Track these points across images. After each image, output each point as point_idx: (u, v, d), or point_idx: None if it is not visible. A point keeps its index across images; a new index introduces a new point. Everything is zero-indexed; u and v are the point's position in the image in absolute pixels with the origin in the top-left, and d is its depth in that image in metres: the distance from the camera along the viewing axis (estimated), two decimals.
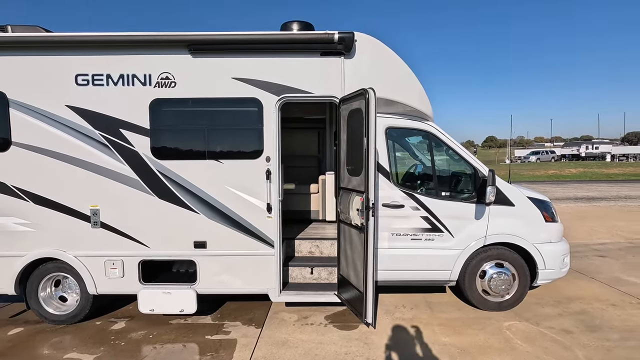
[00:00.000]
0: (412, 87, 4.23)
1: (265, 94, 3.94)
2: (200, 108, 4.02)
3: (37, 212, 3.99)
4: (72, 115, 3.93)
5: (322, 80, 3.97)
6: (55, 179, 3.97)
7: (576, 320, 4.14)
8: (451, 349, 3.58)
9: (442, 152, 4.52)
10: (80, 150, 3.95)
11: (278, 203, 4.05)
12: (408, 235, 4.25)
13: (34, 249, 4.04)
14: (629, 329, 3.92)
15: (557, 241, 4.43)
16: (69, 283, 4.26)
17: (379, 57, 4.05)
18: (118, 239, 4.04)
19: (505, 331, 3.92)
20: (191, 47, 3.87)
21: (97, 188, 3.99)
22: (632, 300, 4.67)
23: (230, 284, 4.14)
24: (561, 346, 3.62)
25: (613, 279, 5.43)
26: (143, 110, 3.94)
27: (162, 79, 3.93)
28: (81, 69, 3.91)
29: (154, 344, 3.79)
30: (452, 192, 4.49)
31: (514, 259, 4.32)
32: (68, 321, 4.22)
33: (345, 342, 3.74)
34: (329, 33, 3.82)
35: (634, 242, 7.66)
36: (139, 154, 3.97)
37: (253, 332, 4.00)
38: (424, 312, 4.43)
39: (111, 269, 4.07)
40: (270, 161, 3.99)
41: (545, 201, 4.50)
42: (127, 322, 4.28)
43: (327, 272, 4.44)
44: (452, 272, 4.29)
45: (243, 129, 4.08)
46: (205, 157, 4.01)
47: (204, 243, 4.07)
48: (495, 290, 4.34)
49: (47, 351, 3.68)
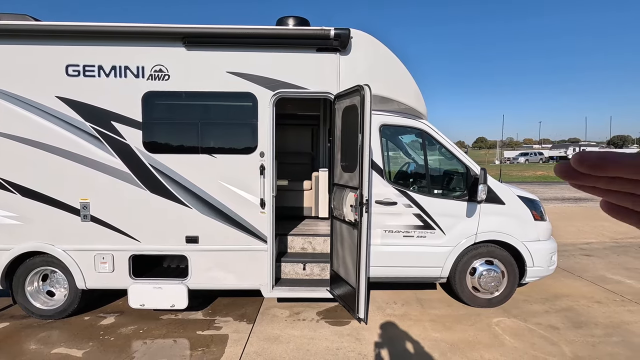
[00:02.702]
0: (407, 85, 4.25)
1: (260, 88, 3.92)
2: (194, 102, 3.98)
3: (25, 205, 3.91)
4: (62, 106, 3.85)
5: (318, 76, 3.97)
6: (44, 171, 3.90)
7: (563, 317, 4.23)
8: (441, 344, 3.63)
9: (435, 151, 4.55)
10: (71, 143, 3.88)
11: (272, 199, 4.04)
12: (400, 232, 4.28)
13: (21, 243, 3.96)
14: (612, 325, 4.03)
15: (546, 240, 4.52)
16: (57, 277, 4.19)
17: (374, 54, 4.06)
18: (108, 233, 3.98)
19: (494, 327, 3.99)
20: (186, 40, 3.82)
21: (87, 181, 3.92)
22: (616, 297, 4.79)
23: (222, 280, 4.12)
24: (548, 342, 3.70)
25: (598, 277, 5.56)
26: (135, 103, 3.88)
27: (155, 71, 3.87)
28: (72, 59, 3.83)
29: (144, 339, 3.75)
30: (444, 190, 4.53)
31: (503, 256, 4.39)
32: (56, 316, 4.15)
33: (337, 338, 3.76)
34: (325, 29, 3.82)
35: (619, 241, 7.84)
36: (131, 147, 3.92)
37: (245, 327, 3.99)
38: (415, 308, 4.48)
39: (101, 264, 4.01)
40: (265, 156, 3.97)
41: (535, 200, 4.57)
42: (117, 317, 4.23)
43: (320, 268, 4.45)
44: (443, 269, 4.34)
45: (237, 123, 4.06)
46: (198, 152, 3.97)
47: (196, 238, 4.04)
48: (485, 287, 4.41)
49: (34, 346, 3.62)
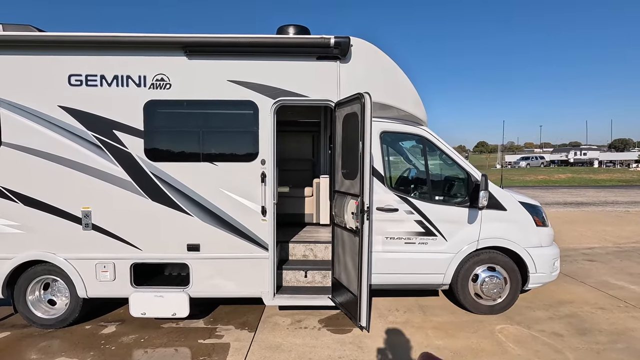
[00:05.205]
0: (407, 92, 4.27)
1: (261, 96, 3.95)
2: (195, 110, 4.01)
3: (27, 214, 3.92)
4: (64, 116, 3.88)
5: (318, 84, 4.00)
6: (46, 180, 3.91)
7: (566, 324, 4.20)
8: (444, 352, 3.60)
9: (435, 157, 4.56)
10: (73, 152, 3.90)
11: (273, 206, 4.04)
12: (402, 239, 4.28)
13: (23, 252, 3.96)
14: (617, 332, 3.99)
15: (548, 245, 4.50)
16: (59, 286, 4.19)
17: (374, 61, 4.09)
18: (110, 241, 3.99)
19: (497, 334, 3.96)
20: (187, 49, 3.86)
21: (89, 190, 3.94)
22: (619, 303, 4.75)
23: (223, 287, 4.11)
24: (552, 349, 3.67)
25: (601, 282, 5.52)
26: (137, 112, 3.91)
27: (157, 80, 3.91)
28: (74, 69, 3.87)
29: (145, 348, 3.73)
30: (445, 197, 4.53)
31: (505, 262, 4.37)
32: (57, 325, 4.13)
33: (339, 346, 3.73)
34: (325, 37, 3.85)
35: (622, 246, 7.81)
36: (133, 155, 3.94)
37: (246, 336, 3.97)
38: (417, 315, 4.45)
39: (102, 272, 4.01)
40: (266, 164, 3.99)
41: (536, 206, 4.56)
42: (118, 326, 4.21)
43: (321, 275, 4.43)
44: (445, 275, 4.33)
45: (238, 131, 4.08)
46: (199, 160, 3.99)
47: (197, 246, 4.04)
48: (487, 294, 4.38)
49: (35, 356, 3.60)
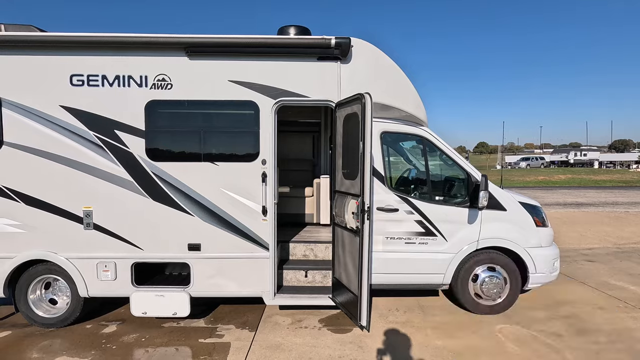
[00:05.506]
0: (407, 92, 4.28)
1: (261, 97, 3.96)
2: (197, 110, 4.02)
3: (28, 213, 3.93)
4: (66, 115, 3.89)
5: (319, 84, 4.01)
6: (48, 179, 3.93)
7: (566, 324, 4.21)
8: (444, 352, 3.61)
9: (436, 157, 4.57)
10: (74, 151, 3.92)
11: (273, 206, 4.06)
12: (402, 239, 4.29)
13: (24, 251, 3.97)
14: (616, 332, 4.00)
15: (548, 245, 4.51)
16: (60, 285, 4.20)
17: (375, 62, 4.10)
18: (111, 241, 4.00)
19: (497, 334, 3.97)
20: (188, 49, 3.87)
21: (90, 189, 3.95)
22: (619, 304, 4.76)
23: (224, 287, 4.12)
24: (552, 349, 3.68)
25: (601, 283, 5.53)
26: (138, 112, 3.92)
27: (158, 80, 3.92)
28: (76, 69, 3.88)
29: (146, 347, 3.74)
30: (445, 197, 4.54)
31: (505, 263, 4.38)
32: (58, 324, 4.15)
33: (340, 346, 3.75)
34: (326, 38, 3.86)
35: (622, 247, 7.82)
36: (134, 155, 3.95)
37: (247, 335, 3.98)
38: (417, 315, 4.46)
39: (103, 272, 4.02)
40: (266, 164, 4.00)
41: (536, 206, 4.58)
42: (119, 326, 4.22)
43: (322, 275, 4.44)
44: (445, 275, 4.34)
45: (239, 131, 4.09)
46: (200, 159, 4.00)
47: (198, 245, 4.05)
48: (487, 294, 4.39)
49: (36, 355, 3.61)
